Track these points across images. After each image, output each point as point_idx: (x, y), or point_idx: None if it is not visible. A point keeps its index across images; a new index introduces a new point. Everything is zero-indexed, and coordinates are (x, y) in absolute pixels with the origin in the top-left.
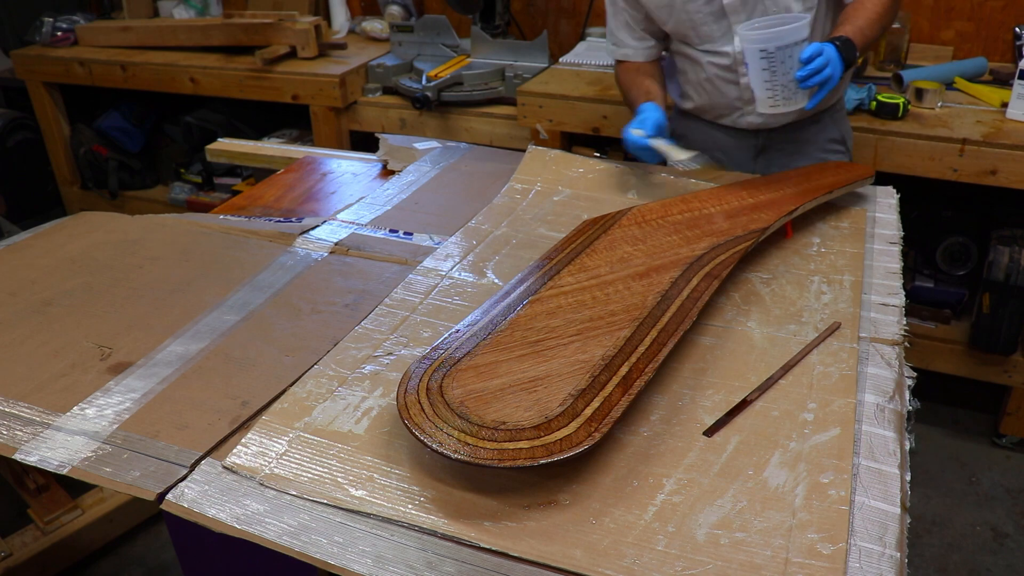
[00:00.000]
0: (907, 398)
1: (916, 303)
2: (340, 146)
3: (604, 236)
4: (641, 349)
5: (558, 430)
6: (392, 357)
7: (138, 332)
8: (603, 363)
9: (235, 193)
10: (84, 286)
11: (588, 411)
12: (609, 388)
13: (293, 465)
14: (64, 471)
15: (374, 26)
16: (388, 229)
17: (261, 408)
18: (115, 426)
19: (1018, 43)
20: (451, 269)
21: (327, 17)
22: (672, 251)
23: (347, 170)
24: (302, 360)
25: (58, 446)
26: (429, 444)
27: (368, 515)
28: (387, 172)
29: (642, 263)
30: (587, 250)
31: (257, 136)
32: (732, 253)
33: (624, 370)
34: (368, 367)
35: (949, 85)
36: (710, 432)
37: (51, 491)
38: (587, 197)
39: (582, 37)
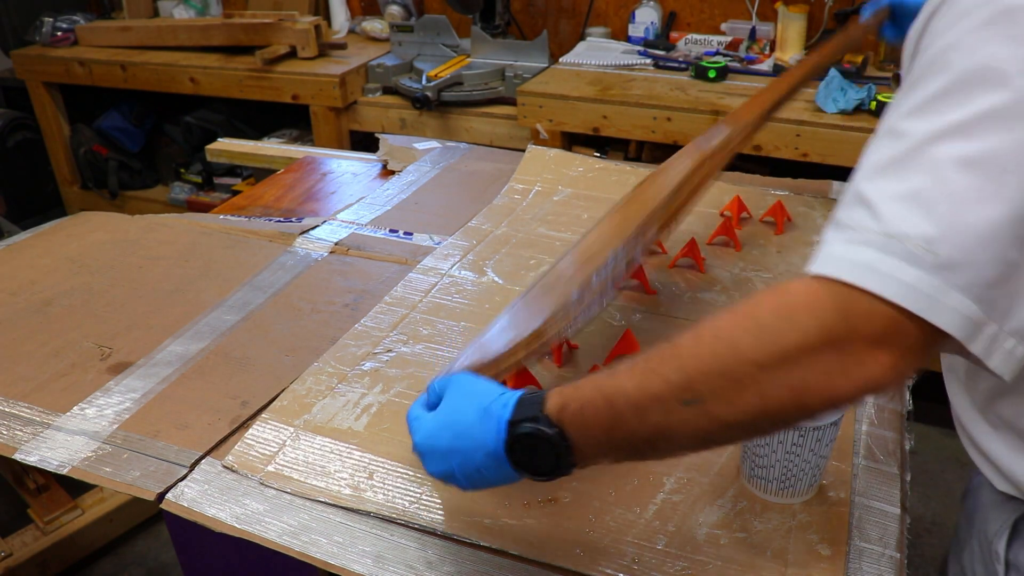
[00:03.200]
0: (907, 398)
1: None
2: (340, 146)
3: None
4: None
5: None
6: (392, 354)
7: (138, 332)
8: None
9: (235, 193)
10: (84, 286)
11: None
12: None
13: (293, 463)
14: (64, 471)
15: (374, 26)
16: (388, 229)
17: (261, 408)
18: (115, 426)
19: None
20: (451, 267)
21: (327, 17)
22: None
23: (347, 170)
24: (302, 360)
25: (58, 446)
26: None
27: (368, 514)
28: (387, 172)
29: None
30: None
31: (257, 136)
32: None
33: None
34: (368, 364)
35: None
36: None
37: (51, 491)
38: (587, 197)
39: (582, 37)
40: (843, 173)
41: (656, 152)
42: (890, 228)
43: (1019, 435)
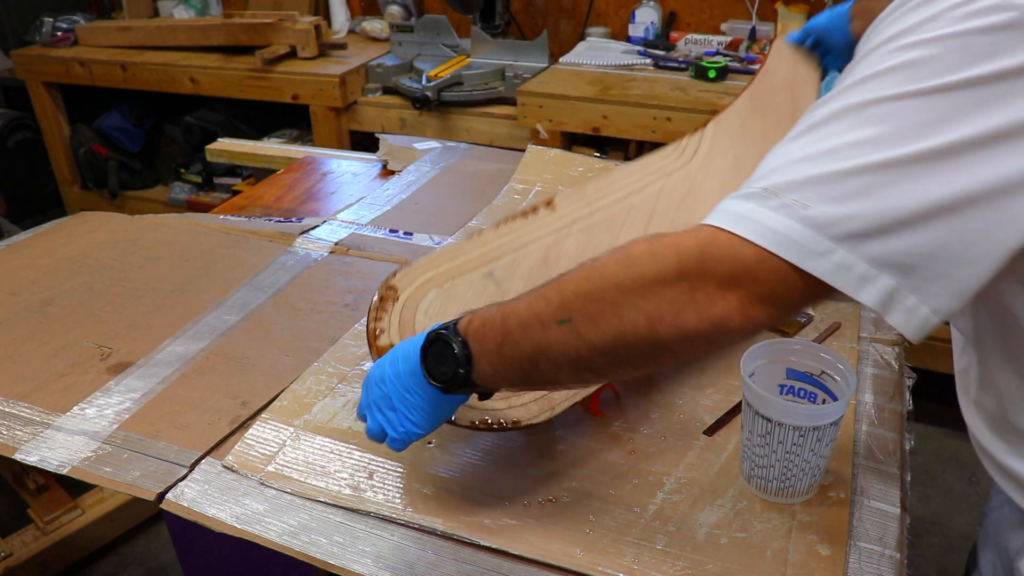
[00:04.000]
0: (907, 398)
1: None
2: (340, 146)
3: None
4: None
5: None
6: None
7: (138, 332)
8: None
9: (235, 193)
10: (84, 286)
11: None
12: None
13: (293, 463)
14: (64, 471)
15: (374, 26)
16: (388, 229)
17: (261, 408)
18: (115, 426)
19: None
20: None
21: (327, 17)
22: None
23: (347, 170)
24: (302, 360)
25: (58, 446)
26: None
27: (368, 514)
28: (387, 172)
29: None
30: None
31: (257, 136)
32: None
33: None
34: (368, 364)
35: None
36: (710, 431)
37: (51, 491)
38: None
39: (582, 37)
40: None
41: None
42: (768, 183)
43: None
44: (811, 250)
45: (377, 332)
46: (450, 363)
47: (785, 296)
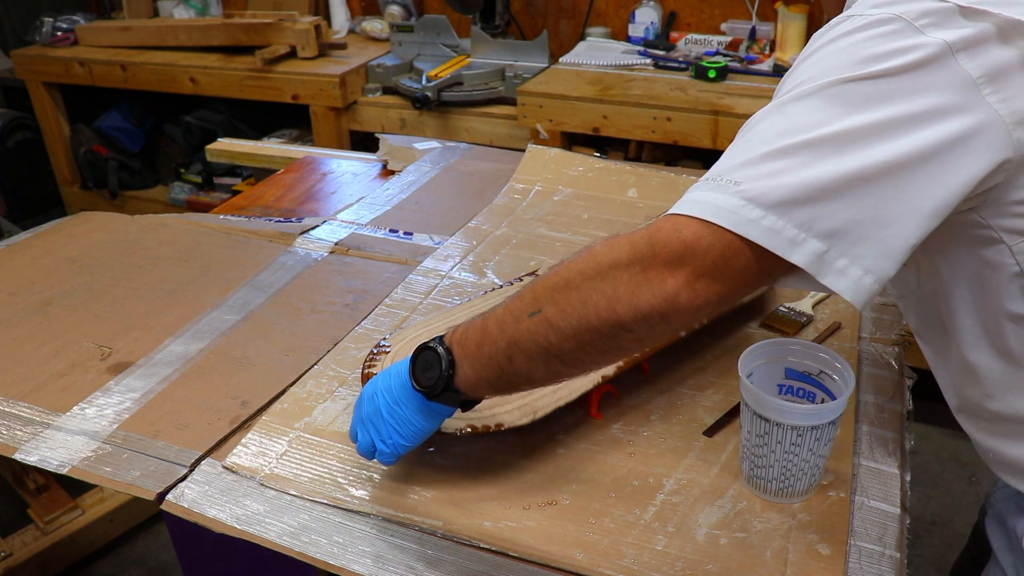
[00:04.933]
0: (907, 398)
1: None
2: (340, 146)
3: None
4: None
5: None
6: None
7: (138, 332)
8: None
9: (235, 193)
10: (84, 286)
11: None
12: None
13: (293, 465)
14: (64, 471)
15: (374, 26)
16: (388, 229)
17: (261, 408)
18: (115, 426)
19: None
20: (451, 269)
21: (327, 17)
22: None
23: (347, 170)
24: (302, 360)
25: (58, 446)
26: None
27: (368, 515)
28: (387, 172)
29: None
30: None
31: (257, 136)
32: None
33: None
34: None
35: None
36: (710, 432)
37: (51, 491)
38: (587, 196)
39: (582, 37)
40: None
41: (656, 152)
42: (708, 175)
43: None
44: (743, 216)
45: (370, 376)
46: (434, 368)
47: (729, 268)
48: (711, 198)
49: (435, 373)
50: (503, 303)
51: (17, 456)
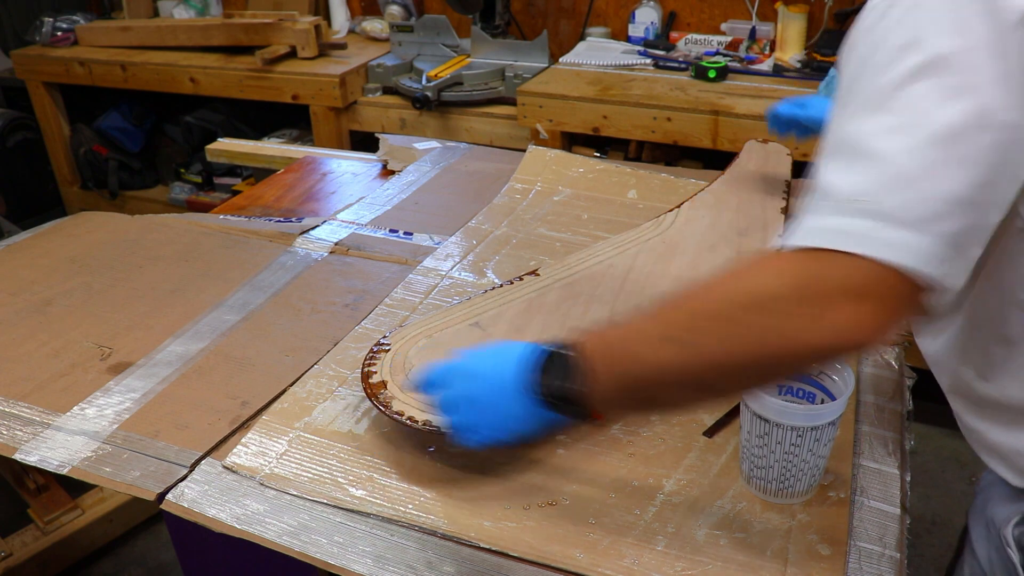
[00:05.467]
0: (907, 398)
1: None
2: (340, 146)
3: None
4: None
5: None
6: None
7: (138, 332)
8: None
9: (235, 193)
10: (84, 286)
11: None
12: None
13: (293, 465)
14: (64, 471)
15: (374, 26)
16: (388, 229)
17: (261, 408)
18: (115, 426)
19: None
20: (451, 269)
21: (327, 17)
22: None
23: (347, 170)
24: (302, 360)
25: (58, 446)
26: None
27: (368, 515)
28: (387, 172)
29: None
30: None
31: (257, 136)
32: None
33: None
34: None
35: None
36: (710, 432)
37: (51, 491)
38: (587, 197)
39: (582, 37)
40: None
41: (656, 152)
42: (841, 194)
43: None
44: (905, 246)
45: (370, 374)
46: (569, 379)
47: (894, 297)
48: (855, 226)
49: (568, 385)
50: (634, 321)
51: (17, 456)
